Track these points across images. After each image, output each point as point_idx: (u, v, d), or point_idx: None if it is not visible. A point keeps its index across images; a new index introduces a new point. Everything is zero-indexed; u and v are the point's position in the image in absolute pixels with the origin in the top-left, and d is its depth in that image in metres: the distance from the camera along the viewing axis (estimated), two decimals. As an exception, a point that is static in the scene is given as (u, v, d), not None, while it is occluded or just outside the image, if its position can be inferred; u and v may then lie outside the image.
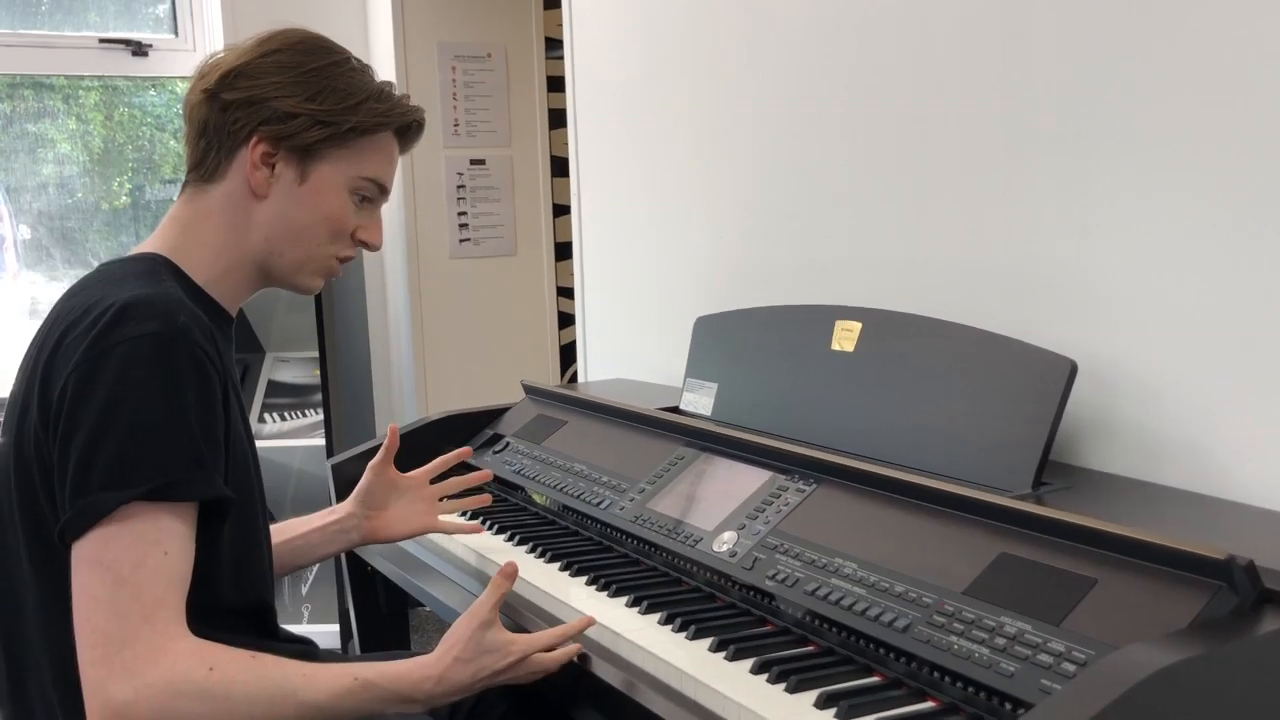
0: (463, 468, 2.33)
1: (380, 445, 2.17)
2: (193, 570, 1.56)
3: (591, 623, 1.78)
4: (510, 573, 1.76)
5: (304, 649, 1.89)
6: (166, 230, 1.78)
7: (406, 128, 1.85)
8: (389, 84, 1.84)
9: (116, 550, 1.48)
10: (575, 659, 1.72)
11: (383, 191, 1.84)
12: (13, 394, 1.67)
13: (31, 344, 1.68)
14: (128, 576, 1.48)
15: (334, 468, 2.65)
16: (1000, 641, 1.43)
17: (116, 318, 1.54)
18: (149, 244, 1.77)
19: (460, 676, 1.65)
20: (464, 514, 2.40)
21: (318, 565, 4.47)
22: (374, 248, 1.86)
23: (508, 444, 2.67)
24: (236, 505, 1.65)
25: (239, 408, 1.75)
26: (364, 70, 1.82)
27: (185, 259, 1.75)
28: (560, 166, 5.20)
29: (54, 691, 1.61)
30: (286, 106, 1.72)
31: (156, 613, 1.48)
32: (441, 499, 2.24)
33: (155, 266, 1.71)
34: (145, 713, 1.44)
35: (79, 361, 1.53)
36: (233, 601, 1.71)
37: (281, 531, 2.09)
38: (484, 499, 2.28)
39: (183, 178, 1.81)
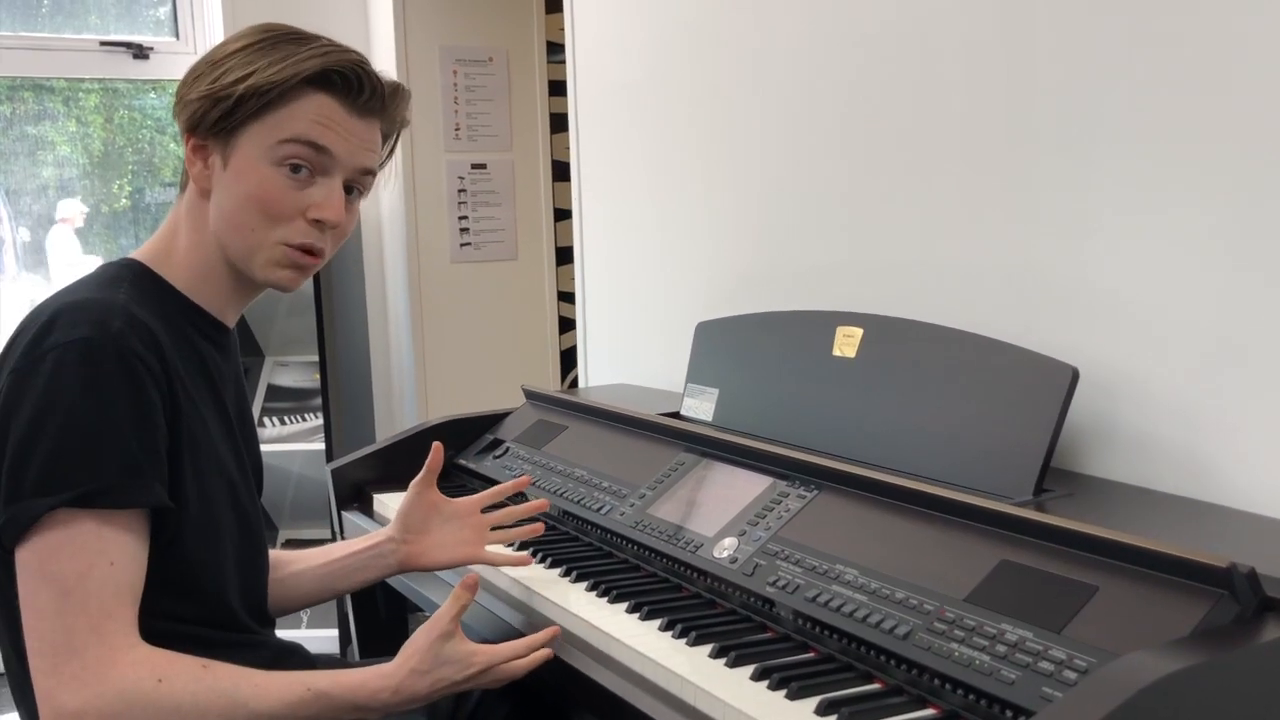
0: (516, 496, 2.27)
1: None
2: (146, 579, 1.57)
3: (558, 633, 1.78)
4: (471, 584, 1.75)
5: (291, 649, 1.89)
6: (152, 240, 1.78)
7: (324, 78, 1.68)
8: (328, 44, 1.72)
9: (61, 561, 1.49)
10: (567, 661, 1.73)
11: (319, 152, 1.68)
12: None
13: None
14: (73, 588, 1.48)
15: (334, 472, 2.65)
16: (1001, 649, 1.43)
17: (49, 324, 1.54)
18: (135, 251, 1.77)
19: (417, 687, 1.66)
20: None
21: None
22: (330, 224, 1.71)
23: (508, 449, 2.67)
24: (201, 517, 1.66)
25: (219, 415, 1.74)
26: (302, 40, 1.70)
27: (165, 265, 1.74)
28: (561, 171, 5.20)
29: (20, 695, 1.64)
30: (191, 95, 1.68)
31: (104, 623, 1.49)
32: (492, 529, 2.10)
33: (120, 272, 1.70)
34: None
35: (13, 368, 1.54)
36: (190, 613, 1.68)
37: (319, 555, 2.06)
38: (537, 528, 2.12)
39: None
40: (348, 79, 1.69)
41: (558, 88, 5.05)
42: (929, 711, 1.46)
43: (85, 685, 1.46)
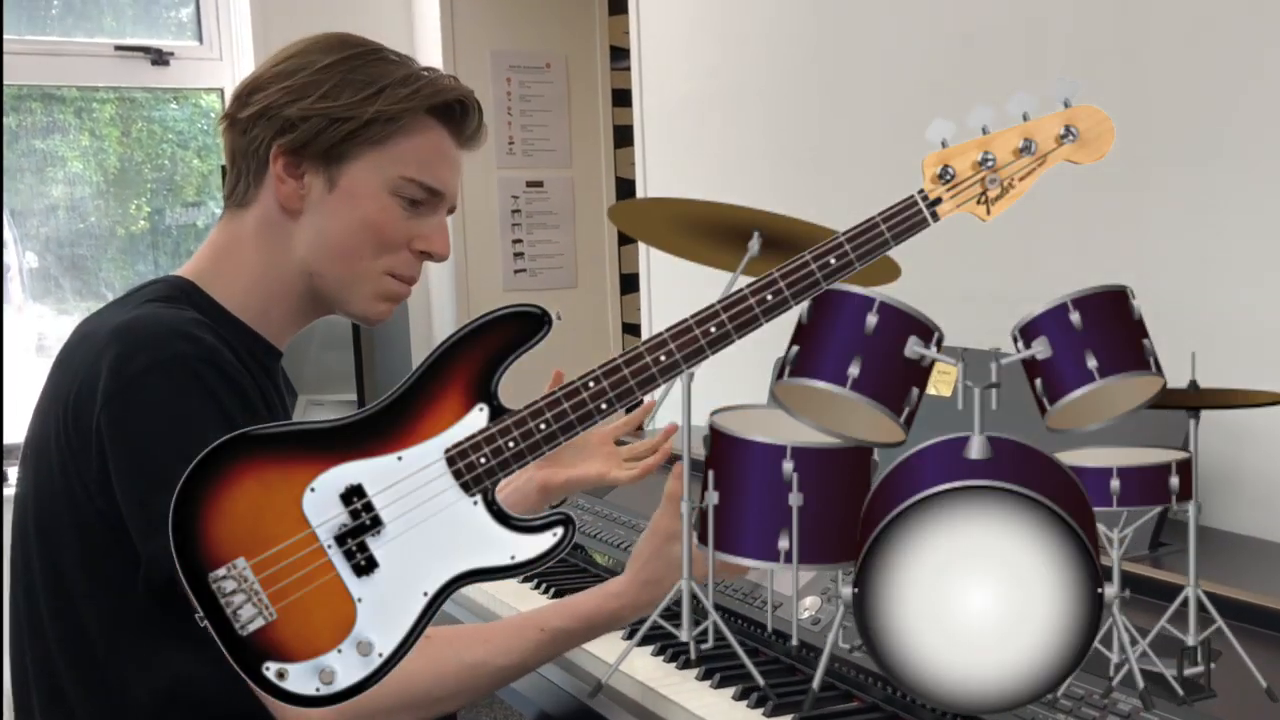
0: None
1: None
2: None
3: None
4: (676, 473, 1.86)
5: None
6: (200, 257, 1.82)
7: (446, 109, 1.78)
8: (429, 69, 1.80)
9: None
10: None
11: (432, 194, 1.79)
12: (30, 435, 1.72)
13: (46, 379, 1.72)
14: None
15: (374, 523, 2.68)
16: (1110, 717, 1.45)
17: (133, 345, 1.59)
18: (179, 270, 1.81)
19: (653, 597, 1.77)
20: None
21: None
22: (438, 258, 1.83)
23: (565, 497, 2.70)
24: None
25: None
26: (397, 60, 1.78)
27: (217, 286, 1.78)
28: (626, 189, 5.22)
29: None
30: (297, 111, 1.72)
31: None
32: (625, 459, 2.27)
33: (171, 291, 1.74)
34: None
35: (109, 395, 1.57)
36: None
37: None
38: (658, 458, 2.25)
39: (207, 200, 1.84)
40: (467, 110, 1.80)
41: (622, 97, 5.07)
42: (1031, 788, 1.48)
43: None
